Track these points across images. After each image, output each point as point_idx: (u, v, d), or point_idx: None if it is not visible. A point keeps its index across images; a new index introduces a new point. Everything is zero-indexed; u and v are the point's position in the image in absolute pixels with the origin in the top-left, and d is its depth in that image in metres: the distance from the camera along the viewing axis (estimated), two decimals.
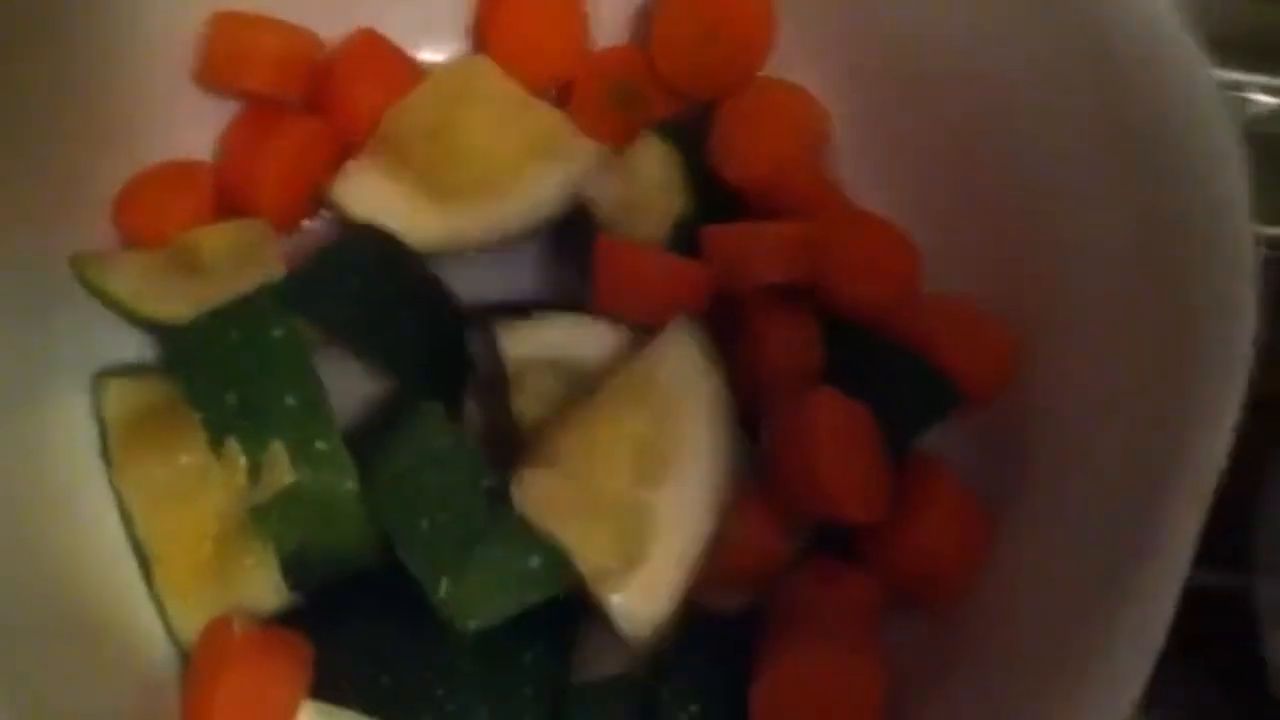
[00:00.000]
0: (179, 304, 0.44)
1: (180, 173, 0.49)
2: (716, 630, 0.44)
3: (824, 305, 0.48)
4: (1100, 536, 0.40)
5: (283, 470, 0.42)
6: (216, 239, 0.46)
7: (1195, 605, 0.48)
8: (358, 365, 0.47)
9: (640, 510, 0.41)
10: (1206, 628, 0.48)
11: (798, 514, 0.44)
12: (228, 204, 0.49)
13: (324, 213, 0.51)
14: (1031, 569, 0.43)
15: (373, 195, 0.49)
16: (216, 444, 0.43)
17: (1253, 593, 0.48)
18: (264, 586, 0.44)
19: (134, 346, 0.48)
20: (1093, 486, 0.42)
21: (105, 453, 0.45)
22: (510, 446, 0.46)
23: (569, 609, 0.44)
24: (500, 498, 0.42)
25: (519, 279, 0.51)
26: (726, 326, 0.46)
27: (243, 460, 0.42)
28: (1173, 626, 0.49)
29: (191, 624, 0.43)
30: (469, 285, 0.50)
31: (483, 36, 0.53)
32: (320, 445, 0.42)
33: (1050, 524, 0.43)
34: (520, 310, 0.46)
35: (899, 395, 0.45)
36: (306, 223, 0.51)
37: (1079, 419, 0.44)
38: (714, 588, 0.43)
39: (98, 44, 0.46)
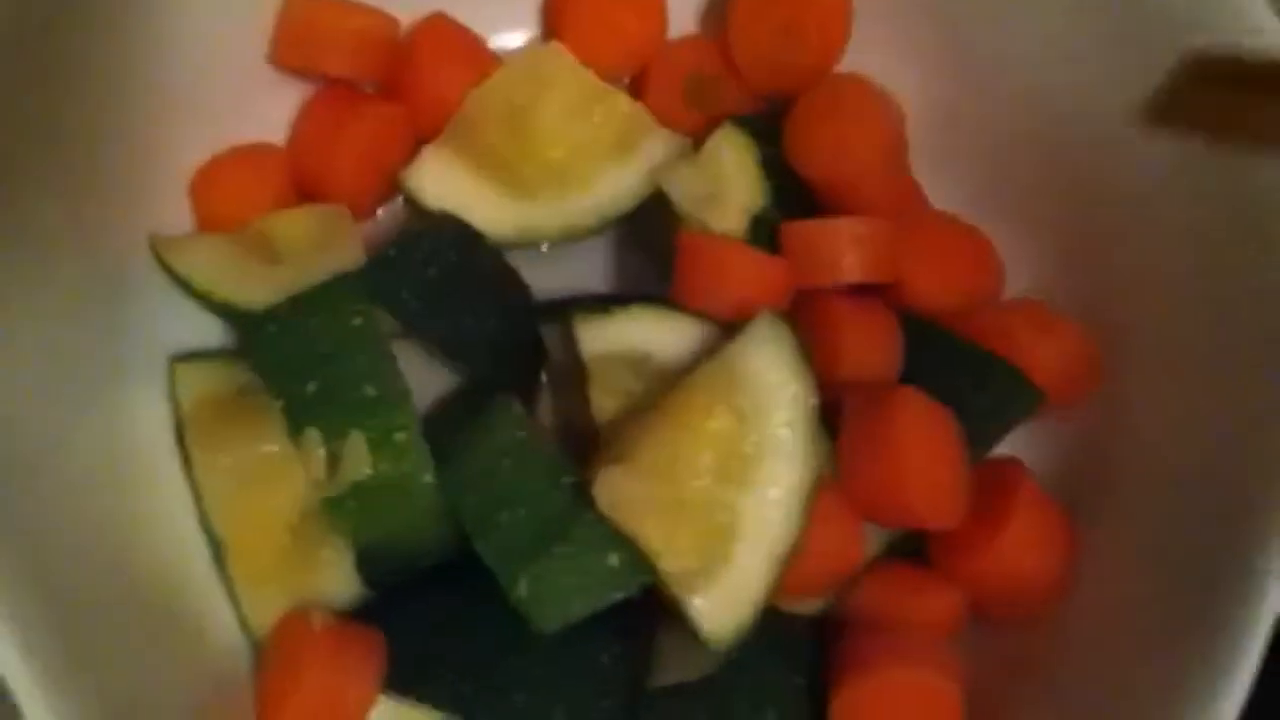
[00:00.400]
0: (256, 289, 0.44)
1: (256, 156, 0.48)
2: (792, 636, 0.44)
3: (902, 304, 0.47)
4: (1186, 556, 0.40)
5: (361, 461, 0.42)
6: (294, 224, 0.46)
7: None
8: (434, 357, 0.47)
9: (723, 512, 0.41)
10: None
11: (875, 515, 0.43)
12: (303, 188, 0.49)
13: (399, 200, 0.51)
14: (1114, 587, 0.43)
15: (448, 184, 0.48)
16: (295, 433, 0.42)
17: None
18: (339, 579, 0.43)
19: (210, 332, 0.47)
20: (1178, 502, 0.42)
21: (181, 438, 0.44)
22: (585, 442, 0.45)
23: (645, 609, 0.43)
24: (579, 494, 0.41)
25: (591, 269, 0.51)
26: (804, 324, 0.45)
27: (321, 450, 0.42)
28: None
29: (265, 614, 0.43)
30: (539, 275, 0.49)
31: (556, 23, 0.53)
32: (399, 437, 0.42)
33: (1133, 542, 0.43)
34: (599, 303, 0.46)
35: (980, 396, 0.45)
36: (381, 211, 0.51)
37: (1163, 431, 0.44)
38: (792, 591, 0.43)
39: (175, 24, 0.46)
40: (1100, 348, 0.47)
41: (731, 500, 0.41)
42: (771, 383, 0.41)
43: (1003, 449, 0.46)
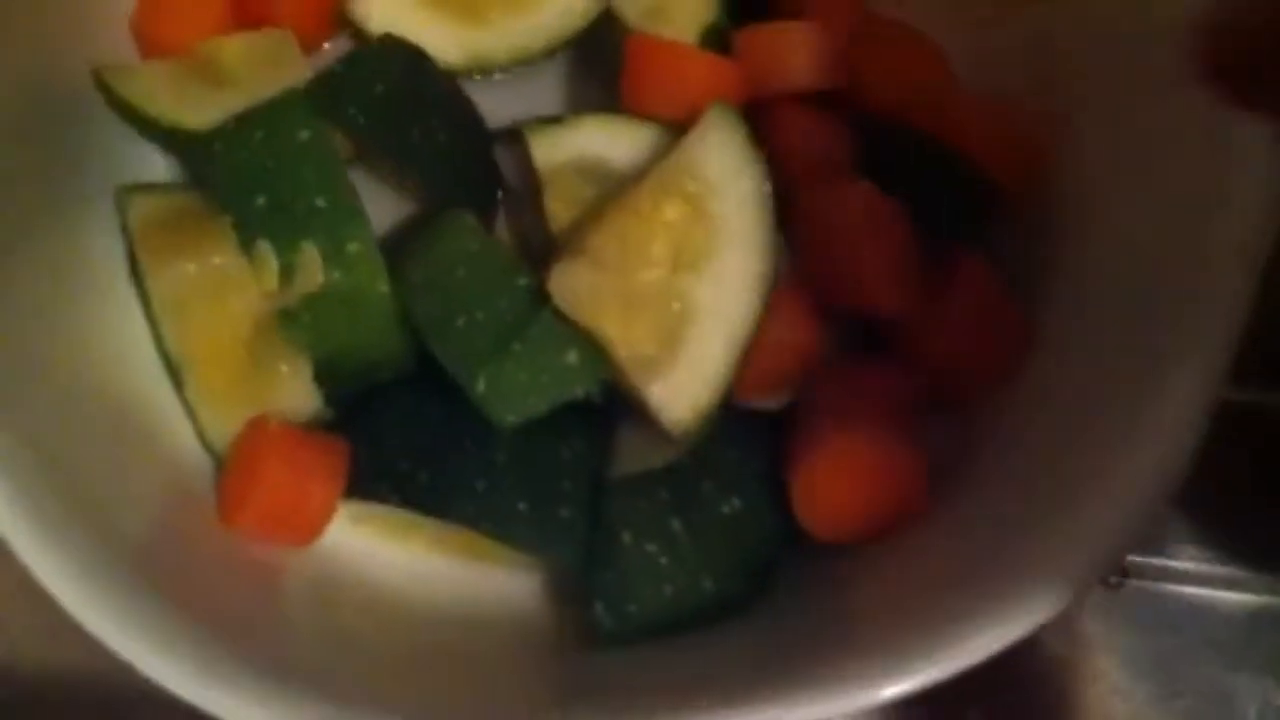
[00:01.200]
0: (203, 111, 0.44)
1: None
2: (755, 427, 0.44)
3: (856, 106, 0.47)
4: (1134, 322, 0.40)
5: (314, 271, 0.42)
6: (238, 48, 0.46)
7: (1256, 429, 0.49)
8: (387, 183, 0.47)
9: (679, 300, 0.41)
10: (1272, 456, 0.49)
11: (833, 308, 0.43)
12: (246, 19, 0.48)
13: (344, 34, 0.50)
14: (1066, 367, 0.43)
15: (394, 11, 0.48)
16: (247, 246, 0.42)
17: None
18: (298, 393, 0.43)
19: (160, 167, 0.47)
20: (1128, 280, 0.42)
21: (133, 262, 0.44)
22: (544, 257, 0.45)
23: (609, 409, 0.44)
24: (536, 295, 0.41)
25: (544, 99, 0.50)
26: (759, 131, 0.45)
27: (274, 262, 0.42)
28: (1235, 456, 0.50)
29: (225, 430, 0.43)
30: (492, 103, 0.49)
31: None
32: (352, 247, 0.42)
33: (1083, 317, 0.43)
34: (550, 117, 0.45)
35: (933, 191, 0.45)
36: (327, 45, 0.50)
37: (1110, 208, 0.44)
38: (751, 386, 0.43)
39: None
40: (1047, 140, 0.46)
41: (686, 288, 0.41)
42: (724, 170, 0.42)
43: (957, 241, 0.46)
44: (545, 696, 0.42)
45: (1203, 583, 0.51)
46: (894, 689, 0.35)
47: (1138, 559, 0.51)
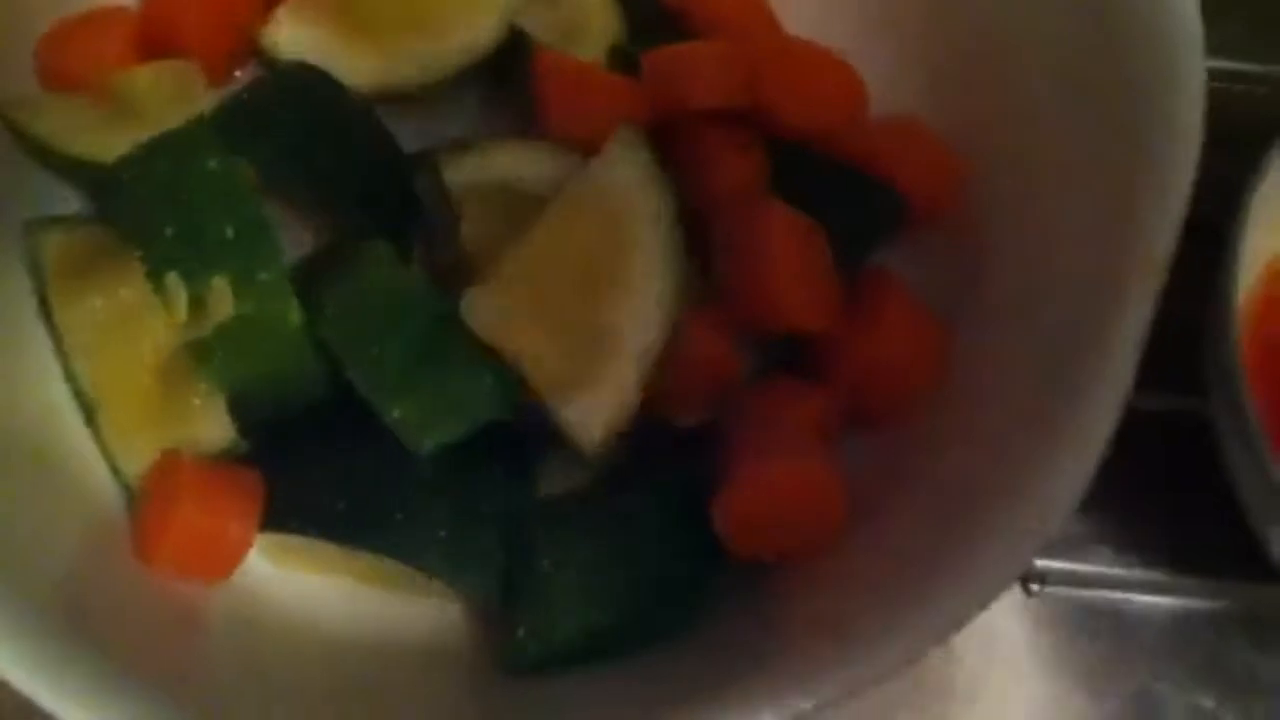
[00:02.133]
0: (109, 144, 0.43)
1: (105, 17, 0.47)
2: (677, 446, 0.44)
3: (767, 131, 0.47)
4: (1048, 343, 0.41)
5: (224, 303, 0.41)
6: (145, 79, 0.45)
7: (1171, 437, 0.50)
8: (301, 215, 0.47)
9: (592, 320, 0.41)
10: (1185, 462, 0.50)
11: (751, 327, 0.44)
12: (154, 50, 0.48)
13: (256, 64, 0.50)
14: (982, 380, 0.44)
15: (303, 39, 0.48)
16: (156, 280, 0.42)
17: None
18: (212, 425, 0.43)
19: (67, 203, 0.47)
20: (1042, 296, 0.42)
21: (42, 298, 0.43)
22: (461, 282, 0.45)
23: (529, 435, 0.44)
24: (450, 320, 0.41)
25: (461, 123, 0.50)
26: (669, 152, 0.45)
27: (183, 294, 0.41)
28: (1150, 463, 0.51)
29: (139, 465, 0.42)
30: (410, 133, 0.48)
31: None
32: (263, 276, 0.41)
33: (1002, 337, 0.44)
34: (463, 142, 0.45)
35: (846, 211, 0.45)
36: (239, 74, 0.50)
37: (1030, 235, 0.45)
38: (671, 404, 0.43)
39: None
40: (968, 155, 0.47)
41: (598, 307, 0.41)
42: (632, 190, 0.42)
43: (874, 262, 0.47)
44: None
45: (1125, 587, 0.51)
46: (809, 701, 0.35)
47: (1058, 565, 0.51)
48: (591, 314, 0.41)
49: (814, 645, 0.38)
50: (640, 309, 0.41)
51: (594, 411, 0.41)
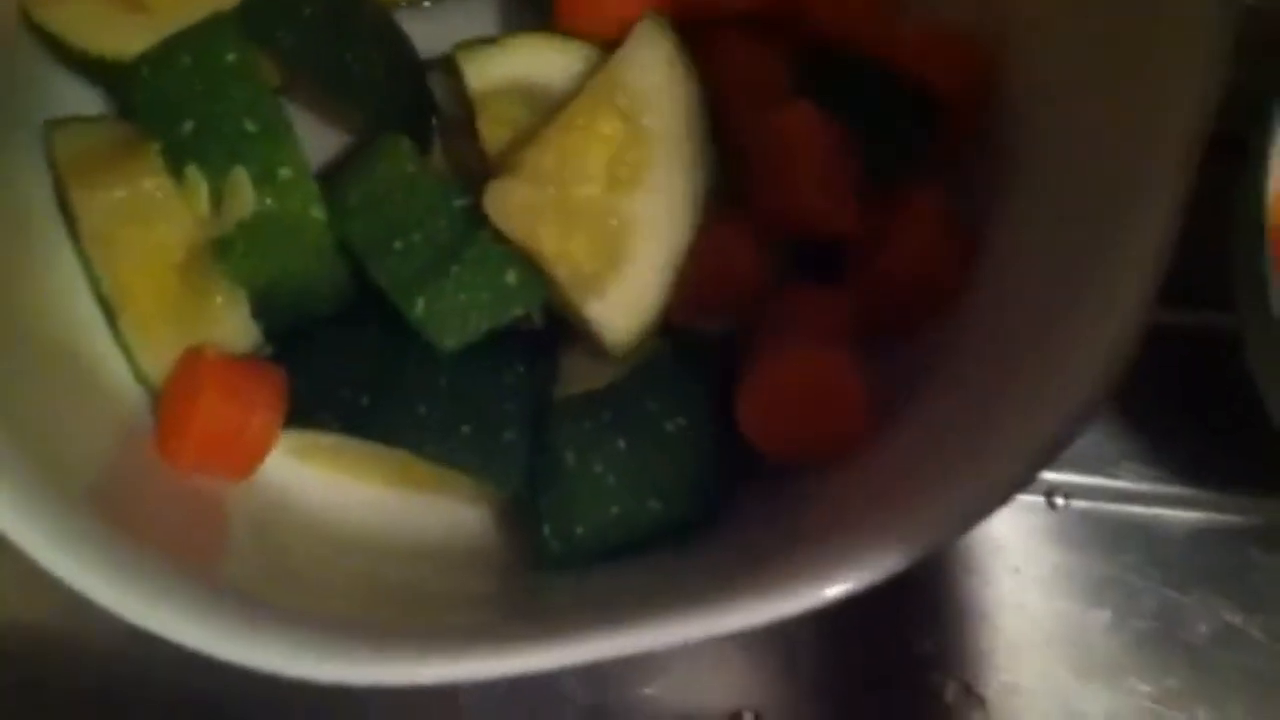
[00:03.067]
0: (129, 39, 0.43)
1: None
2: (702, 350, 0.43)
3: (798, 33, 0.47)
4: (1072, 247, 0.40)
5: (245, 198, 0.41)
6: None
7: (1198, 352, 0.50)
8: (323, 115, 0.46)
9: (615, 216, 0.41)
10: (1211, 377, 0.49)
11: (776, 231, 0.43)
12: None
13: None
14: (1007, 288, 0.43)
15: None
16: (177, 172, 0.41)
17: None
18: (234, 324, 0.43)
19: (90, 101, 0.46)
20: (1068, 200, 0.42)
21: (61, 196, 0.43)
22: (481, 181, 0.45)
23: (552, 331, 0.44)
24: (473, 216, 0.41)
25: (476, 27, 0.49)
26: (697, 55, 0.45)
27: (204, 187, 0.41)
28: (1176, 378, 0.50)
29: (161, 363, 0.42)
30: (424, 37, 0.48)
31: None
32: (284, 172, 0.41)
33: (1026, 243, 0.43)
34: (481, 40, 0.45)
35: (875, 113, 0.44)
36: None
37: (1055, 139, 0.44)
38: (696, 310, 0.43)
39: None
40: (991, 57, 0.46)
41: (623, 203, 0.41)
42: (656, 83, 0.41)
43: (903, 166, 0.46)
44: (493, 619, 0.42)
45: (1150, 502, 0.51)
46: (832, 590, 0.34)
47: (1083, 479, 0.51)
48: (615, 211, 0.41)
49: (833, 539, 0.38)
50: (665, 207, 0.41)
51: (618, 309, 0.41)
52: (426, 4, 0.49)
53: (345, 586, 0.42)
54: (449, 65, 0.46)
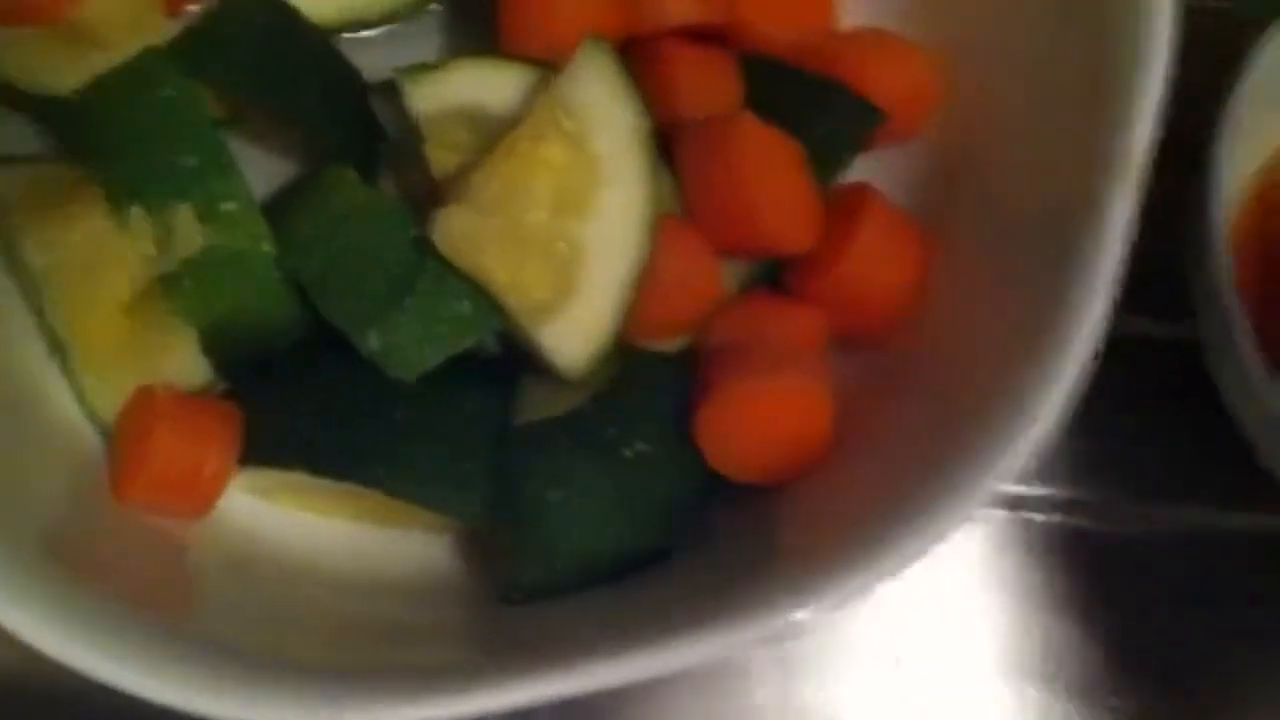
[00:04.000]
0: (70, 75, 0.42)
1: None
2: (661, 370, 0.43)
3: (741, 47, 0.46)
4: (1027, 251, 0.40)
5: (190, 235, 0.41)
6: (101, 9, 0.43)
7: (1166, 359, 0.50)
8: (269, 148, 0.46)
9: (565, 241, 0.40)
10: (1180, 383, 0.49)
11: (728, 246, 0.43)
12: None
13: None
14: (966, 295, 0.43)
15: None
16: (120, 213, 0.41)
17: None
18: (185, 362, 0.42)
19: (31, 141, 0.45)
20: (1021, 206, 0.42)
21: (9, 238, 0.42)
22: (430, 208, 0.44)
23: (511, 359, 0.43)
24: (424, 246, 0.41)
25: (422, 53, 0.48)
26: (641, 70, 0.44)
27: (148, 227, 0.41)
28: (1141, 389, 0.50)
29: (113, 404, 0.42)
30: (371, 63, 0.47)
31: None
32: (229, 206, 0.41)
33: (982, 249, 0.43)
34: (425, 65, 0.44)
35: (822, 124, 0.44)
36: (194, 7, 0.48)
37: (1006, 144, 0.44)
38: (650, 328, 0.43)
39: None
40: (943, 69, 0.46)
41: (571, 228, 0.40)
42: (599, 106, 0.41)
43: (855, 176, 0.46)
44: (467, 656, 0.42)
45: (1115, 515, 0.51)
46: (800, 614, 0.34)
47: (1046, 492, 0.50)
48: (564, 235, 0.40)
49: (801, 562, 0.38)
50: (615, 229, 0.40)
51: (570, 334, 0.40)
52: (370, 32, 0.48)
53: (314, 626, 0.42)
54: (395, 91, 0.45)
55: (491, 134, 0.42)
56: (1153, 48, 0.37)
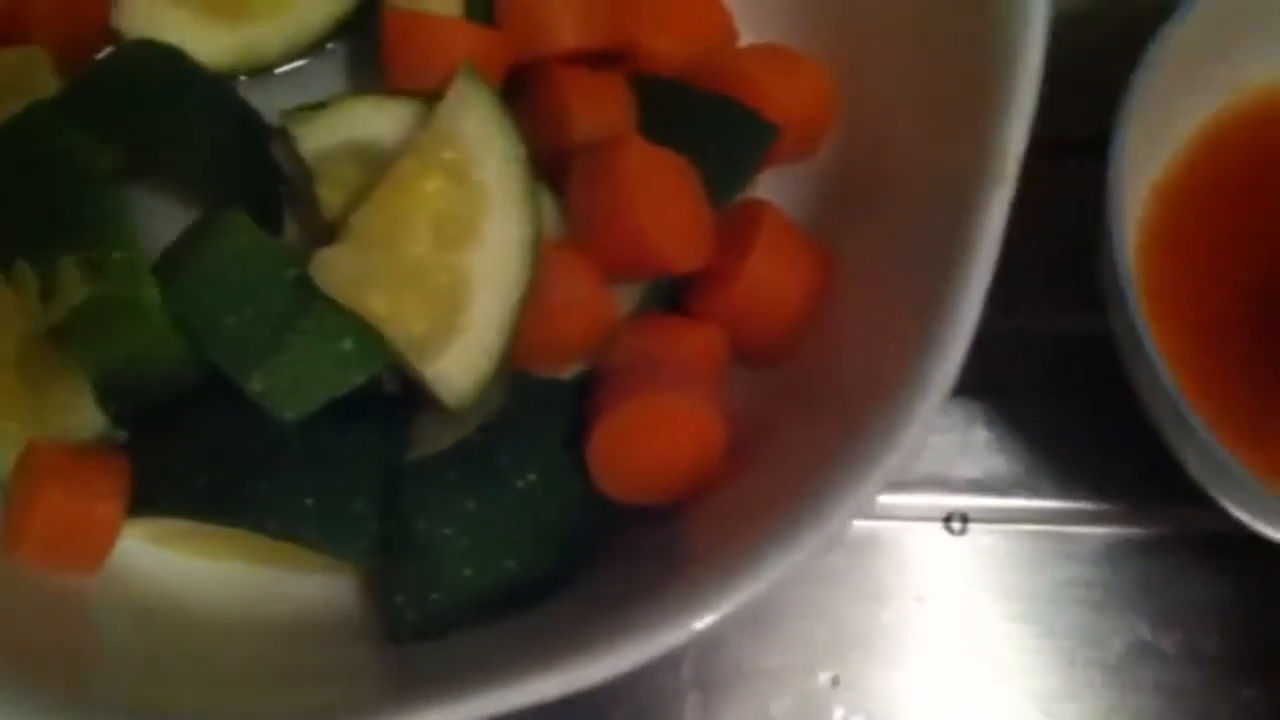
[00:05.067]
0: None
1: None
2: (553, 398, 0.42)
3: (634, 69, 0.46)
4: (912, 254, 0.40)
5: (74, 286, 0.40)
6: None
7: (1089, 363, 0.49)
8: (168, 196, 0.45)
9: (447, 273, 0.40)
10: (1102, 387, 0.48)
11: (617, 269, 0.42)
12: (3, 36, 0.47)
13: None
14: (860, 302, 0.43)
15: (158, 18, 0.46)
16: (5, 268, 0.41)
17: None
18: (79, 415, 0.42)
19: None
20: (907, 210, 0.42)
21: None
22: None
23: (407, 397, 0.43)
24: (307, 285, 0.40)
25: (324, 92, 0.48)
26: (532, 96, 0.45)
27: (33, 280, 0.41)
28: (1067, 391, 0.49)
29: (6, 460, 0.41)
30: (274, 105, 0.46)
31: None
32: (116, 255, 0.40)
33: (875, 259, 0.43)
34: (314, 105, 0.44)
35: (717, 142, 0.44)
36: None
37: (893, 152, 0.44)
38: (539, 355, 0.42)
39: None
40: (838, 84, 0.46)
41: (453, 260, 0.40)
42: (477, 136, 0.41)
43: (760, 194, 0.46)
44: (368, 693, 0.41)
45: (1051, 520, 0.50)
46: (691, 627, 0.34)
47: (981, 502, 0.50)
48: (446, 268, 0.40)
49: (700, 573, 0.37)
50: (499, 259, 0.40)
51: (454, 366, 0.40)
52: (275, 73, 0.48)
53: (218, 672, 0.41)
54: (283, 130, 0.45)
55: (379, 170, 0.42)
56: (1022, 57, 0.37)
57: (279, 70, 0.49)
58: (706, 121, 0.44)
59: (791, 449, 0.40)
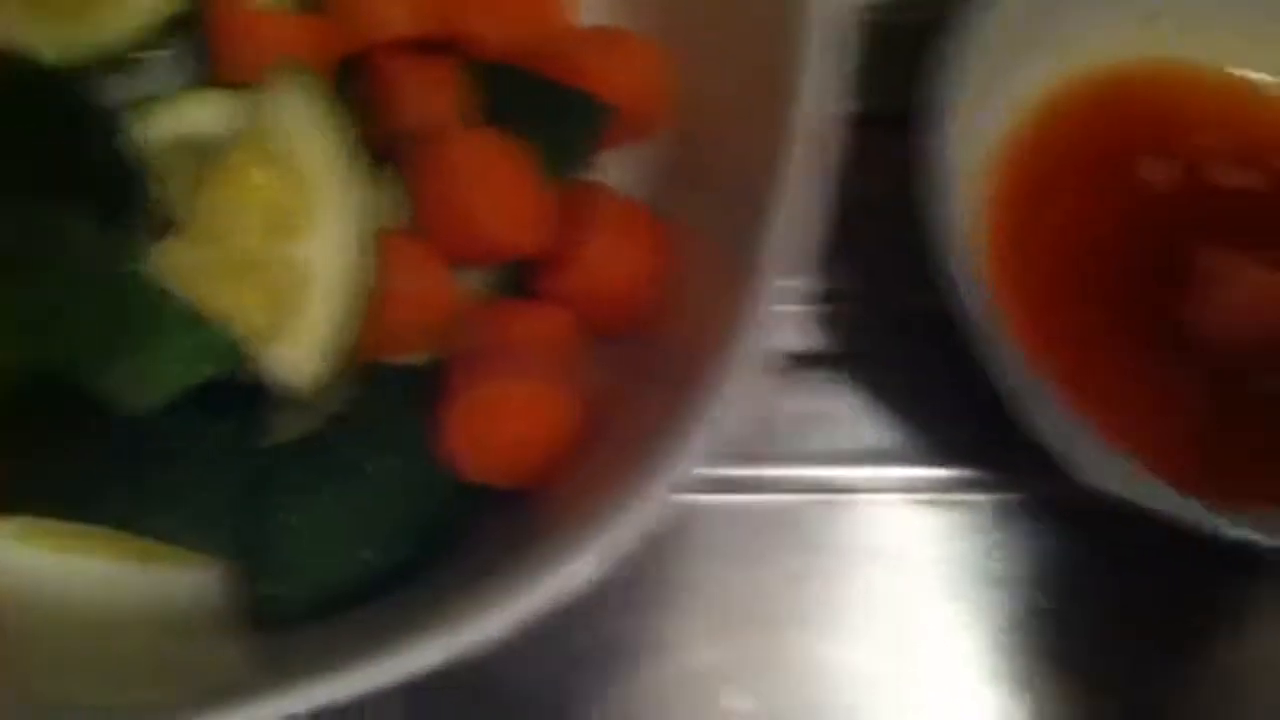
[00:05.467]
0: None
1: None
2: (401, 384, 0.43)
3: (469, 55, 0.47)
4: (734, 222, 0.41)
5: None
6: None
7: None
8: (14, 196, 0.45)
9: (283, 264, 0.40)
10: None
11: (457, 254, 0.43)
12: None
13: None
14: (696, 273, 0.43)
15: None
16: None
17: None
18: None
19: None
20: (731, 180, 0.42)
21: None
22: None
23: (261, 388, 0.43)
24: (150, 282, 0.40)
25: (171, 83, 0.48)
26: (365, 86, 0.45)
27: None
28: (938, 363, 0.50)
29: None
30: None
31: None
32: None
33: (708, 226, 0.44)
34: (147, 99, 0.44)
35: (552, 122, 0.45)
36: None
37: (711, 127, 0.45)
38: (389, 345, 0.43)
39: None
40: (674, 69, 0.47)
41: (287, 250, 0.41)
42: (301, 126, 0.41)
43: (604, 177, 0.47)
44: (237, 682, 0.42)
45: (934, 489, 0.50)
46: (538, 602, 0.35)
47: (860, 473, 0.50)
48: (281, 259, 0.40)
49: (551, 547, 0.37)
50: (333, 248, 0.41)
51: (294, 356, 0.40)
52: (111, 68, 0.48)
53: (94, 670, 0.41)
54: (119, 125, 0.44)
55: (212, 163, 0.43)
56: (807, 36, 0.39)
57: (141, 61, 0.48)
58: (543, 105, 0.45)
59: (632, 423, 0.41)
